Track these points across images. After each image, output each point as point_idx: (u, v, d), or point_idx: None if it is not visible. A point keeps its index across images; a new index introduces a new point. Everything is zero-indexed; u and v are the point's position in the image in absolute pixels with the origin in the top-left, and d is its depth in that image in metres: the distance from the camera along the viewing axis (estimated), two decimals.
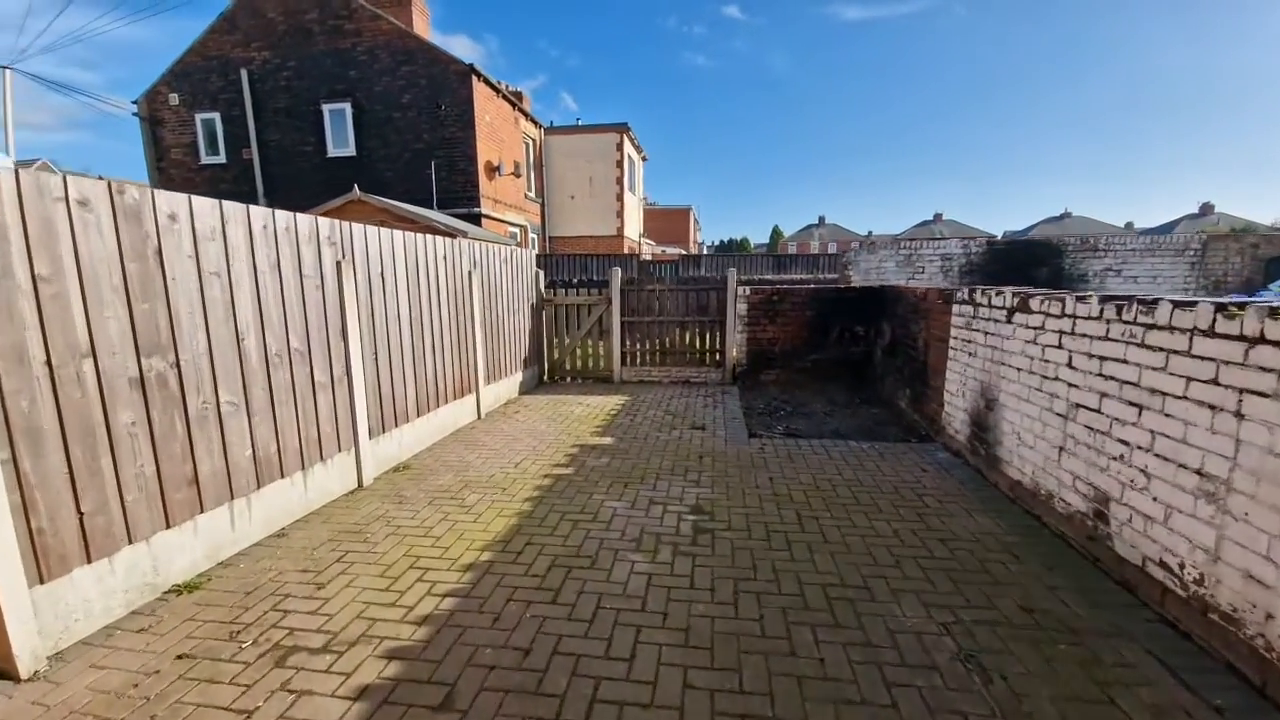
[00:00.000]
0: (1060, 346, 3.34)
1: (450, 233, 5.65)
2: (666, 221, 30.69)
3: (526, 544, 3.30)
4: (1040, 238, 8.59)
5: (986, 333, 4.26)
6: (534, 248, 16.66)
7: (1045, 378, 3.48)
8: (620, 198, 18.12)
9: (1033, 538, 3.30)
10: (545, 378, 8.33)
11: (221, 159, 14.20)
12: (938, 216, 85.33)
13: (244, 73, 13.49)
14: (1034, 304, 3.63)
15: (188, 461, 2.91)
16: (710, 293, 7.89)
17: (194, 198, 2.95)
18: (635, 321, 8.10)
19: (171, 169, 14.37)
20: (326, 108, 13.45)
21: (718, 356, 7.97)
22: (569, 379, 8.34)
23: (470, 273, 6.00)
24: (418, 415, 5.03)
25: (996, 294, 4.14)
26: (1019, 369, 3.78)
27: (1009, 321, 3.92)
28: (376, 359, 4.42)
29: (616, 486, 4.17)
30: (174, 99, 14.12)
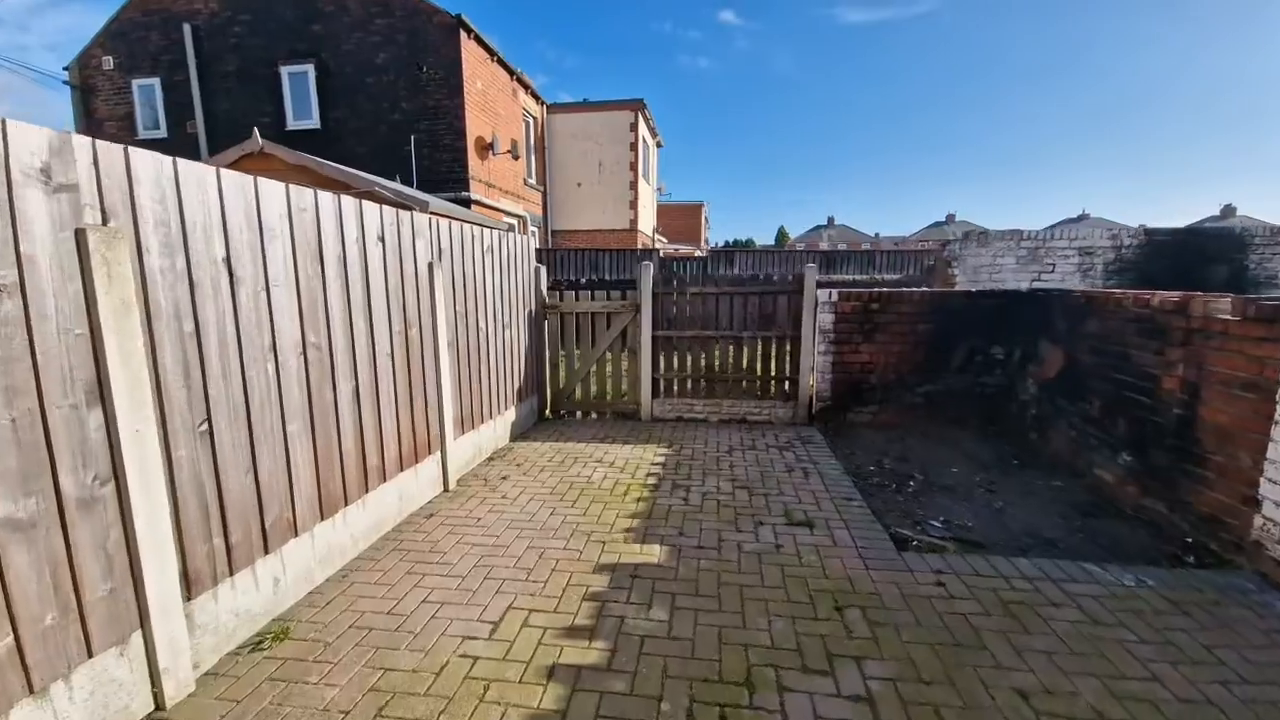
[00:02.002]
0: None
1: (402, 204, 3.83)
2: (678, 218, 28.45)
3: None
4: (1216, 228, 6.35)
5: None
6: (534, 241, 14.49)
7: None
8: (634, 185, 15.85)
9: None
10: (548, 412, 6.12)
11: (162, 133, 12.00)
12: (950, 217, 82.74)
13: (187, 28, 11.30)
14: None
15: None
16: (777, 298, 5.66)
17: None
18: (673, 337, 5.87)
19: None
20: (285, 70, 11.25)
21: (786, 386, 5.74)
22: (579, 414, 6.12)
23: (431, 266, 3.78)
24: (320, 519, 2.81)
25: None
26: None
27: None
28: (212, 435, 2.20)
29: None
30: (108, 62, 11.93)
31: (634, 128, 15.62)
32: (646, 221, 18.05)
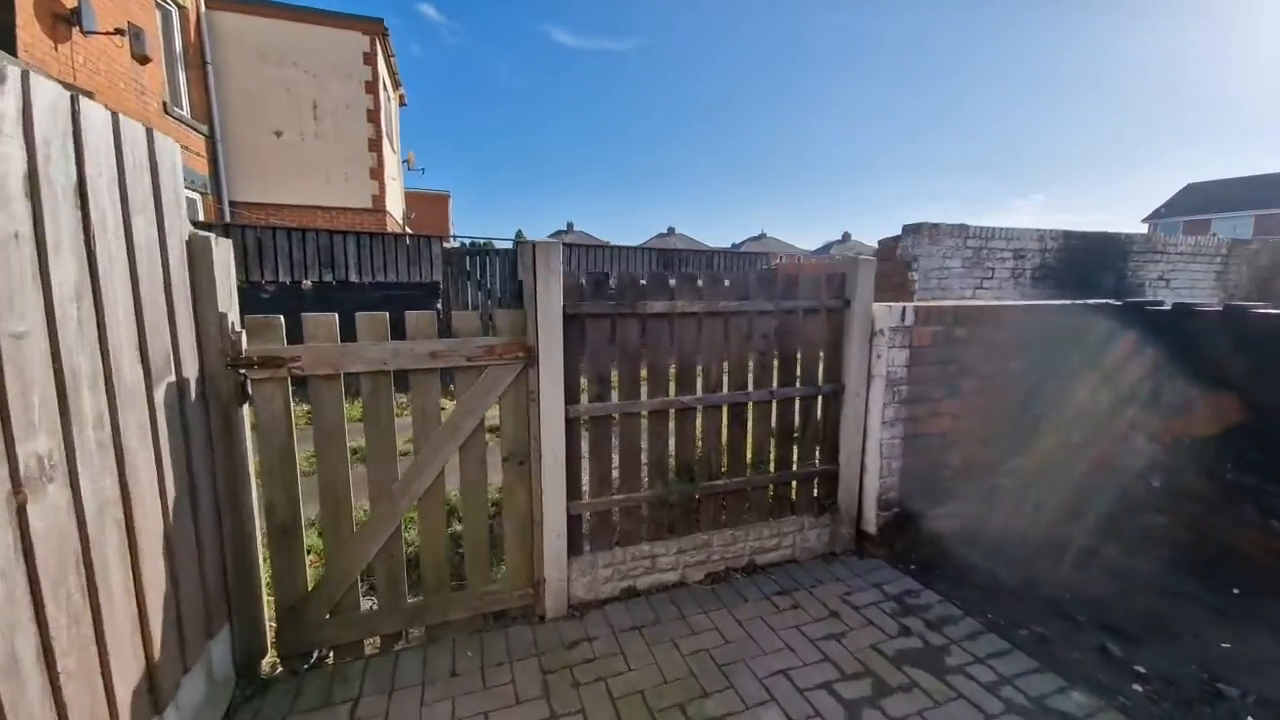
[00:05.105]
0: None
1: None
2: (423, 206, 23.09)
3: None
4: (1109, 235, 6.11)
5: None
6: (177, 159, 8.36)
7: None
8: (377, 146, 10.68)
9: None
10: (268, 662, 2.12)
11: None
12: (671, 230, 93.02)
13: None
14: None
15: None
16: (805, 322, 2.89)
17: None
18: (614, 415, 2.56)
19: None
20: None
21: (817, 486, 3.03)
22: (377, 643, 2.29)
23: None
24: None
25: None
26: None
27: None
28: None
29: None
30: None
31: (371, 60, 10.51)
32: (395, 202, 13.02)
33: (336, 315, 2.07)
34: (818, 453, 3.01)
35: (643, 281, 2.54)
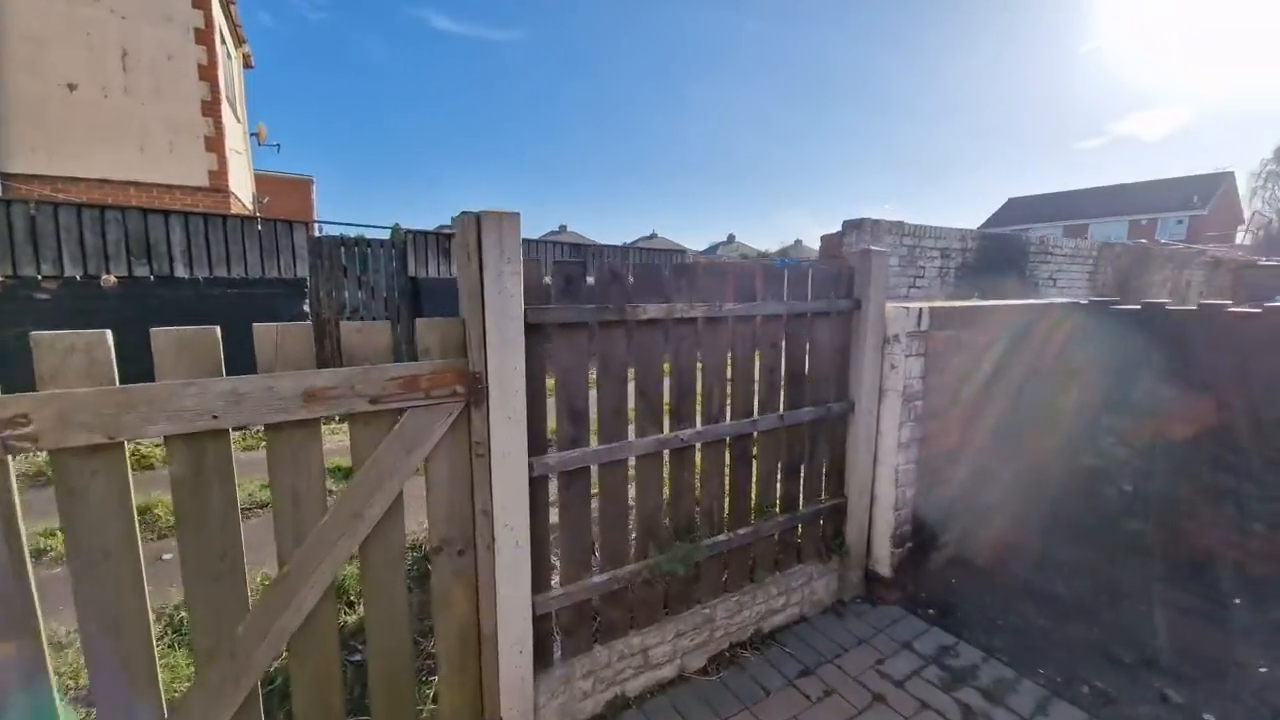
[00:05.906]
0: None
1: None
2: (279, 193, 19.83)
3: None
4: (1013, 235, 6.45)
5: None
6: None
7: None
8: (215, 109, 8.47)
9: None
10: None
11: None
12: (562, 227, 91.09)
13: None
14: None
15: None
16: (814, 328, 2.34)
17: None
18: (588, 466, 1.81)
19: None
20: None
21: (823, 524, 2.51)
22: None
23: None
24: None
25: None
26: None
27: None
28: None
29: None
30: None
31: (202, 3, 8.33)
32: (241, 182, 10.67)
33: (110, 333, 1.12)
34: (823, 484, 2.49)
35: (630, 279, 1.82)
